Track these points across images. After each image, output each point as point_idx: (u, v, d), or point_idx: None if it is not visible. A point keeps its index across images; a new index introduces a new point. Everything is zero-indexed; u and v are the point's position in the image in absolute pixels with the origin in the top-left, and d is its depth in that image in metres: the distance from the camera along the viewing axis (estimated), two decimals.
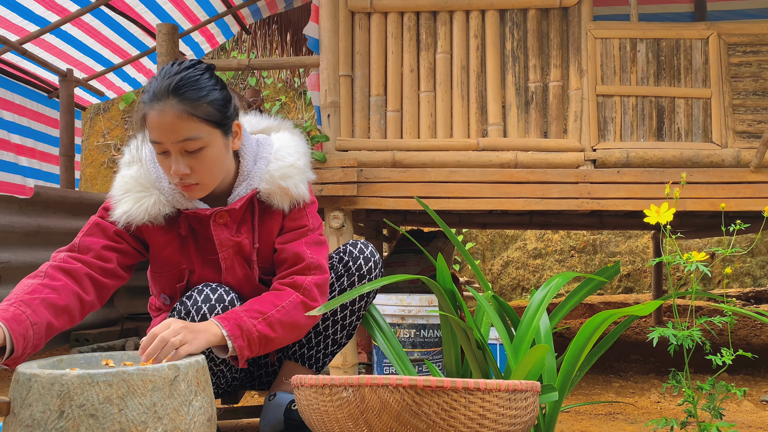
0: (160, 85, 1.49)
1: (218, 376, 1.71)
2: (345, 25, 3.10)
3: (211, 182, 1.59)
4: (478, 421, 1.28)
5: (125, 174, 1.63)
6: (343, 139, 3.06)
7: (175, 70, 1.51)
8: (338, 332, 1.86)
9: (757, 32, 3.06)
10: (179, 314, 1.59)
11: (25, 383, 1.04)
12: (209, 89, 1.53)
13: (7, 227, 3.41)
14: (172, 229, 1.65)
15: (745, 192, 2.93)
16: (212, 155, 1.54)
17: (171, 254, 1.66)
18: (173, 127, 1.48)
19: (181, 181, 1.55)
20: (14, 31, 4.40)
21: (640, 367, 3.47)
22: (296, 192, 1.67)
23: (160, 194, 1.59)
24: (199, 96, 1.50)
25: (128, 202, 1.59)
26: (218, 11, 4.93)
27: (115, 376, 1.04)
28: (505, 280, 7.58)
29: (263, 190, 1.65)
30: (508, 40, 3.10)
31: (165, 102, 1.48)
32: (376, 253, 1.86)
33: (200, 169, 1.54)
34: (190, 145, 1.51)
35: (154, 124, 1.50)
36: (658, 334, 1.56)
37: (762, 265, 7.06)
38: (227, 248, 1.64)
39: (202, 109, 1.51)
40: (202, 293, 1.58)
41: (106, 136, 8.95)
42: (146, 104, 1.51)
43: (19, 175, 4.91)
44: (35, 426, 1.01)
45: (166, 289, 1.72)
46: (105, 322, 4.36)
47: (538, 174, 2.97)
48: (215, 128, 1.54)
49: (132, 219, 1.59)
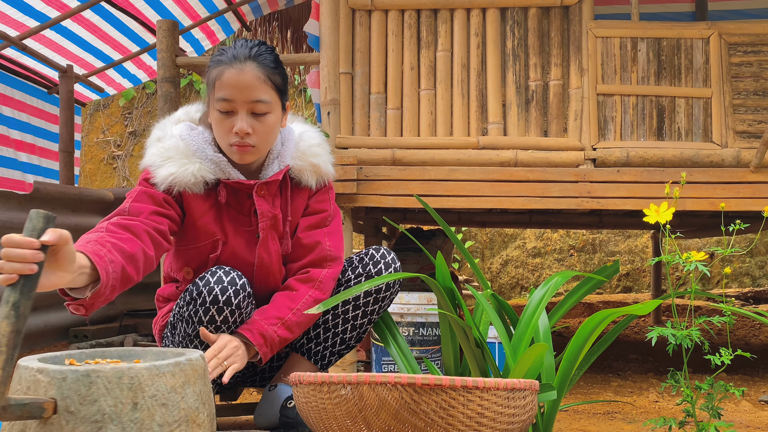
0: (240, 51, 1.64)
1: None
2: (345, 22, 3.10)
3: (265, 148, 1.69)
4: (477, 420, 1.28)
5: (163, 145, 1.69)
6: (343, 136, 3.05)
7: (252, 43, 1.68)
8: (343, 327, 1.82)
9: (758, 32, 3.06)
10: (190, 294, 1.61)
11: (83, 379, 1.02)
12: (278, 64, 1.70)
13: (6, 223, 3.41)
14: (209, 199, 1.71)
15: (744, 192, 2.93)
16: (272, 122, 1.67)
17: (207, 224, 1.71)
18: (251, 86, 1.62)
19: (241, 140, 1.63)
20: (14, 27, 4.39)
21: (639, 367, 3.48)
22: (326, 169, 1.80)
23: (201, 163, 1.67)
24: (273, 66, 1.67)
25: (173, 166, 1.65)
26: (219, 8, 4.92)
27: (176, 366, 1.09)
28: (504, 279, 7.58)
29: (295, 167, 1.76)
30: (508, 38, 3.10)
31: (245, 63, 1.63)
32: (396, 261, 1.86)
33: (261, 132, 1.65)
34: (259, 107, 1.64)
35: (232, 82, 1.62)
36: (656, 333, 1.56)
37: (761, 265, 7.06)
38: (266, 219, 1.72)
39: (275, 77, 1.67)
40: (215, 275, 1.62)
41: (106, 132, 8.94)
42: (225, 64, 1.63)
43: (19, 171, 4.90)
44: (107, 420, 1.01)
45: (192, 261, 1.75)
46: (104, 318, 4.36)
47: (537, 173, 2.97)
48: (279, 99, 1.69)
49: (176, 181, 1.64)
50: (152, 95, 8.86)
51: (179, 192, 1.66)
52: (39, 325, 3.71)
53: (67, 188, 4.03)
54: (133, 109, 8.95)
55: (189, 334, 1.64)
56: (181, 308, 1.65)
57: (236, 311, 1.62)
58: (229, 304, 1.60)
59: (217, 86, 1.64)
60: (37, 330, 3.71)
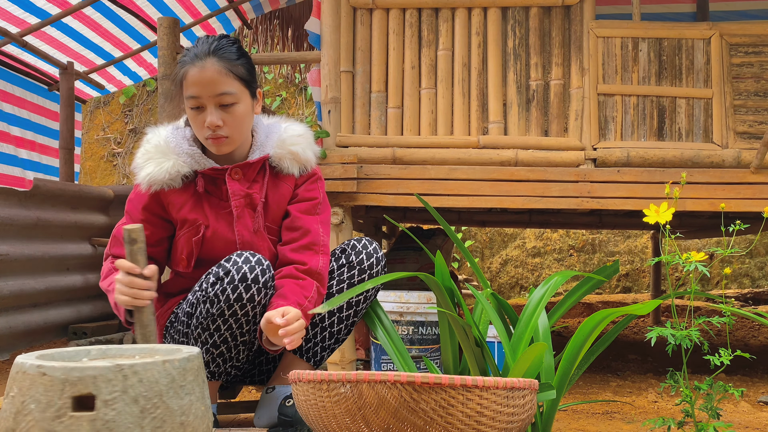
0: (201, 49, 1.72)
1: (238, 350, 1.73)
2: (347, 20, 3.10)
3: (238, 137, 1.76)
4: (476, 419, 1.28)
5: (147, 146, 1.80)
6: (343, 135, 3.05)
7: (212, 39, 1.75)
8: (335, 325, 1.86)
9: (759, 33, 3.06)
10: (215, 276, 1.64)
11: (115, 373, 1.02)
12: (240, 54, 1.76)
13: (6, 220, 3.41)
14: (187, 190, 1.79)
15: (745, 193, 2.93)
16: (242, 111, 1.74)
17: (188, 212, 1.79)
18: (213, 81, 1.69)
19: (213, 133, 1.72)
20: (15, 23, 4.39)
21: (638, 367, 3.48)
22: (304, 156, 1.85)
23: (177, 158, 1.77)
24: (234, 58, 1.73)
25: (150, 166, 1.76)
26: (219, 6, 4.92)
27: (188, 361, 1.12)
28: (504, 279, 7.58)
29: (274, 154, 1.83)
30: (509, 37, 3.10)
31: (206, 60, 1.70)
32: (379, 250, 1.88)
33: (231, 122, 1.72)
34: (226, 98, 1.70)
35: (195, 80, 1.70)
36: (656, 333, 1.56)
37: (760, 266, 7.06)
38: (239, 198, 1.78)
39: (237, 69, 1.73)
40: (241, 256, 1.67)
41: (106, 129, 8.94)
42: (187, 64, 1.72)
43: (19, 167, 4.90)
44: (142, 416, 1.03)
45: (184, 249, 1.81)
46: (103, 315, 4.36)
47: (538, 172, 2.97)
48: (246, 88, 1.75)
49: (154, 180, 1.75)
50: (153, 93, 8.85)
51: (156, 192, 1.77)
52: (38, 322, 3.71)
53: (67, 185, 4.03)
54: (133, 106, 8.94)
55: (213, 314, 1.64)
56: (205, 291, 1.66)
57: (263, 290, 1.65)
58: (257, 281, 1.64)
59: (184, 86, 1.72)
60: (37, 327, 3.71)
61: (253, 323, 1.69)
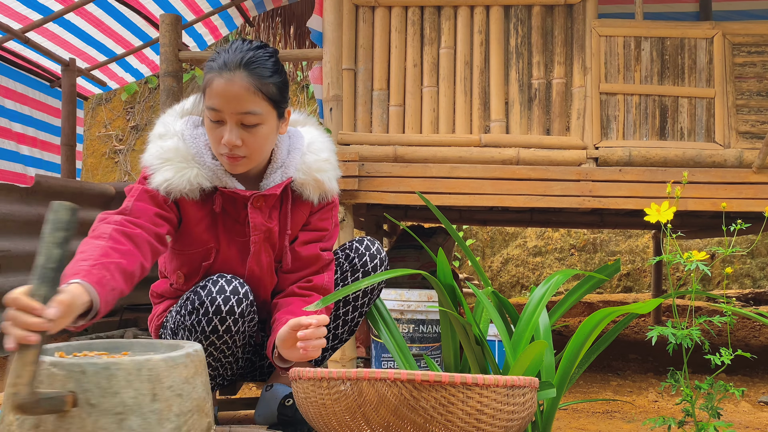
0: (232, 57, 1.54)
1: (225, 368, 1.73)
2: (349, 18, 3.09)
3: (257, 159, 1.62)
4: (476, 417, 1.28)
5: (163, 145, 1.63)
6: (345, 133, 3.05)
7: (248, 47, 1.58)
8: (339, 327, 1.86)
9: (762, 32, 3.05)
10: (192, 304, 1.58)
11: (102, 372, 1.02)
12: (275, 71, 1.59)
13: (7, 216, 3.41)
14: (205, 206, 1.66)
15: (746, 192, 2.92)
16: (265, 133, 1.59)
17: (201, 231, 1.67)
18: (239, 97, 1.53)
19: (230, 152, 1.57)
20: (17, 20, 4.39)
21: (639, 366, 3.47)
22: (329, 186, 1.73)
23: (200, 169, 1.62)
24: (267, 75, 1.57)
25: (169, 171, 1.60)
26: (222, 3, 4.91)
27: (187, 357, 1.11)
28: (505, 278, 7.57)
29: (298, 180, 1.69)
30: (512, 36, 3.09)
31: (235, 73, 1.53)
32: (382, 251, 1.85)
33: (252, 143, 1.57)
34: (249, 119, 1.55)
35: (220, 92, 1.54)
36: (657, 333, 1.56)
37: (762, 266, 7.06)
38: (259, 233, 1.67)
39: (268, 87, 1.56)
40: (216, 284, 1.58)
41: (108, 126, 8.94)
42: (215, 71, 1.55)
43: (20, 164, 4.90)
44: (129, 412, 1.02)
45: (184, 266, 1.72)
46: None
47: (539, 171, 2.97)
48: (273, 109, 1.59)
49: (173, 188, 1.59)
50: (155, 90, 8.85)
51: (175, 197, 1.62)
52: None
53: (68, 182, 4.03)
54: (135, 103, 8.95)
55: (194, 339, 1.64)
56: (183, 317, 1.62)
57: (239, 320, 1.59)
58: (232, 313, 1.57)
59: (207, 94, 1.57)
60: None
61: (235, 346, 1.65)
